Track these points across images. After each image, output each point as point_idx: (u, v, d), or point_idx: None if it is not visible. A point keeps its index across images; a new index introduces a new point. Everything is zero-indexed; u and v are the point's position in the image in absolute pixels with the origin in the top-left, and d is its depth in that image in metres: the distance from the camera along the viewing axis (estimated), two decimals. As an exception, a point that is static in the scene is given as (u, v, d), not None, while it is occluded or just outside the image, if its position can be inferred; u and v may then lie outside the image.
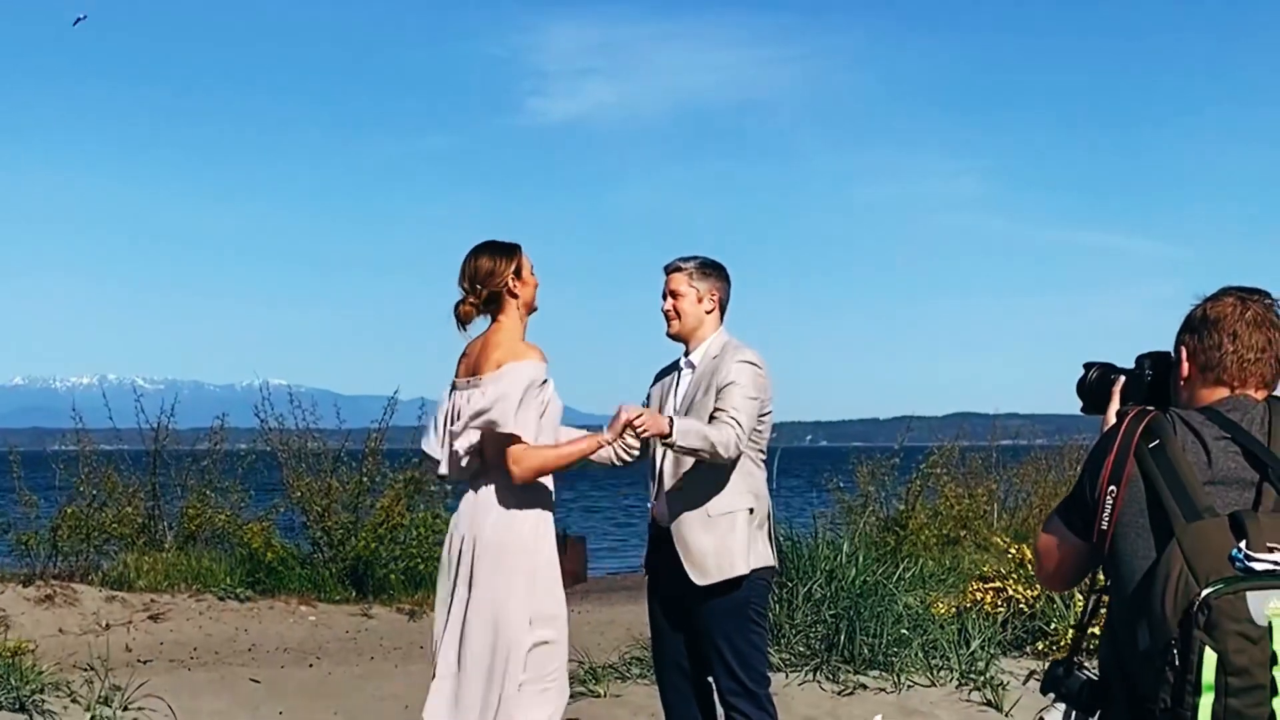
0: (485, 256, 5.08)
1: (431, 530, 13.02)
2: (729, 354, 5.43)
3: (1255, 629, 2.71)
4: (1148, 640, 2.82)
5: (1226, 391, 3.12)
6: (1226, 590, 2.73)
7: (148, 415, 13.68)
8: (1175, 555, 2.81)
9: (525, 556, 4.94)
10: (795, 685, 7.75)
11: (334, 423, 13.86)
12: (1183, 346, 3.19)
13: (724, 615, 5.36)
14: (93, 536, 12.47)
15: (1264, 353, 3.12)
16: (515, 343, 5.05)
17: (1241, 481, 2.96)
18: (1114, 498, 3.01)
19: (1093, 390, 3.53)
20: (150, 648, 10.27)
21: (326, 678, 9.02)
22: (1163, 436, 3.01)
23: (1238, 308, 3.13)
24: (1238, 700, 2.72)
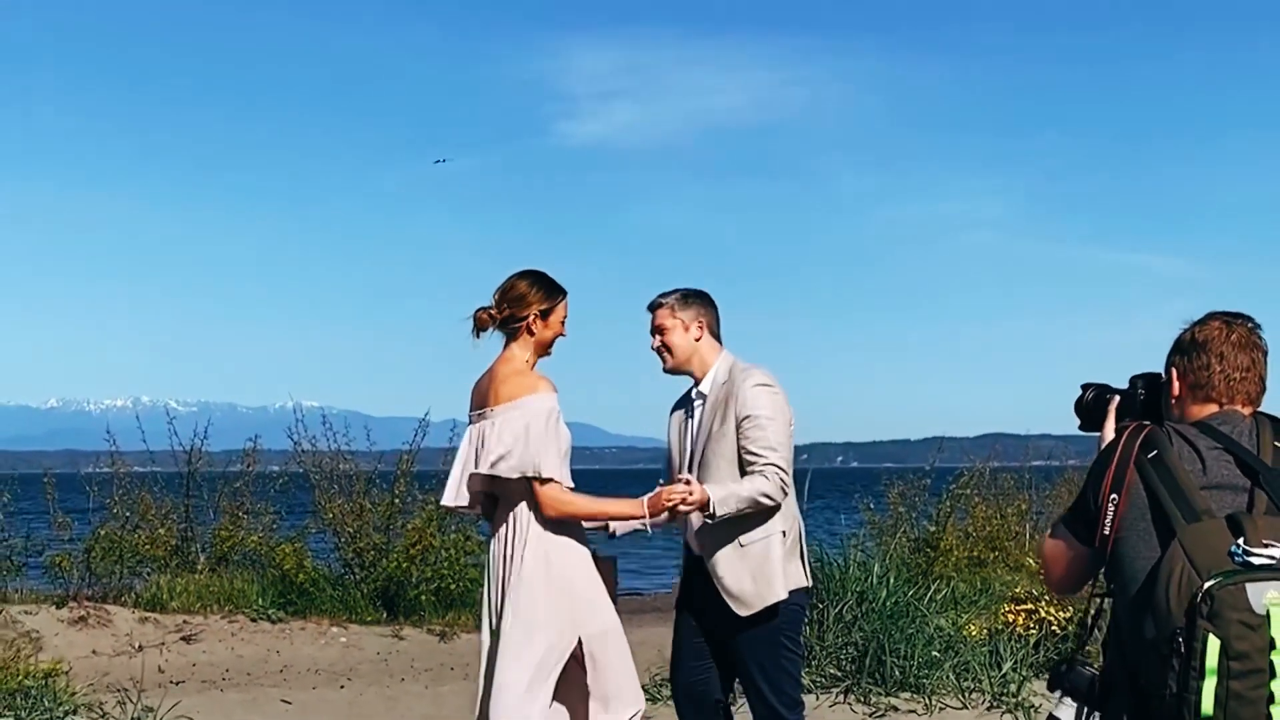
0: (525, 282, 5.08)
1: (463, 552, 13.02)
2: (738, 378, 5.35)
3: (1255, 617, 2.94)
4: (1153, 631, 3.04)
5: (1216, 408, 3.36)
6: (1228, 582, 2.96)
7: (181, 437, 13.75)
8: (1177, 553, 3.05)
9: (562, 581, 4.92)
10: (826, 707, 7.73)
11: (365, 444, 13.89)
12: (1174, 367, 3.44)
13: (760, 641, 5.32)
14: (126, 558, 12.52)
15: (1249, 372, 3.38)
16: (524, 374, 5.01)
17: (1235, 487, 3.19)
18: (1116, 505, 3.24)
19: (1089, 409, 3.75)
20: (183, 669, 10.30)
21: (358, 699, 9.04)
22: (1160, 447, 3.25)
23: (1224, 331, 3.40)
24: (1239, 683, 2.93)
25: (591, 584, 5.00)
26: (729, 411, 5.29)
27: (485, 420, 4.96)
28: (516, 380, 4.97)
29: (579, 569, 4.98)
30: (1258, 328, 3.44)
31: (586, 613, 4.94)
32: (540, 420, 4.89)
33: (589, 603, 4.96)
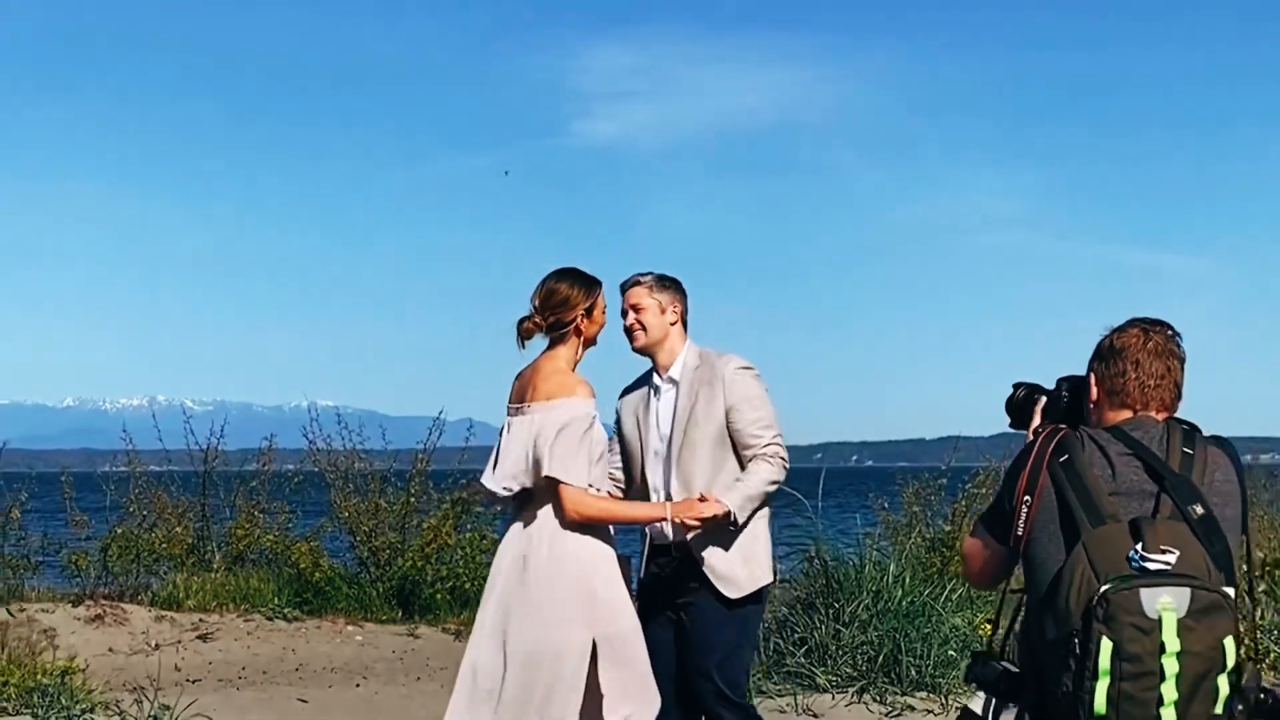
0: (565, 284, 5.11)
1: (478, 550, 13.01)
2: (717, 363, 5.37)
3: (1147, 621, 3.06)
4: (1054, 632, 3.18)
5: (1130, 413, 3.47)
6: (1123, 586, 3.08)
7: (197, 437, 13.77)
8: (1080, 556, 3.17)
9: (581, 581, 4.93)
10: (842, 706, 7.72)
11: (380, 444, 13.90)
12: (1092, 373, 3.56)
13: (730, 625, 5.30)
14: (142, 557, 12.54)
15: (1163, 379, 3.48)
16: (566, 375, 5.06)
17: (1142, 493, 3.30)
18: (1028, 507, 3.37)
19: (1019, 408, 3.86)
20: (199, 667, 10.32)
21: (373, 698, 9.04)
22: (1072, 452, 3.37)
23: (1141, 338, 3.51)
24: (1130, 684, 3.06)
25: (612, 584, 5.00)
26: (714, 395, 5.30)
27: (523, 415, 5.01)
28: (557, 380, 5.01)
29: (600, 570, 4.99)
30: (1176, 336, 3.53)
31: (604, 614, 4.94)
32: (573, 424, 4.93)
33: (607, 604, 4.96)
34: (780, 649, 8.35)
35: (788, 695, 7.84)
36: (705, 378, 5.35)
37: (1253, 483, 15.96)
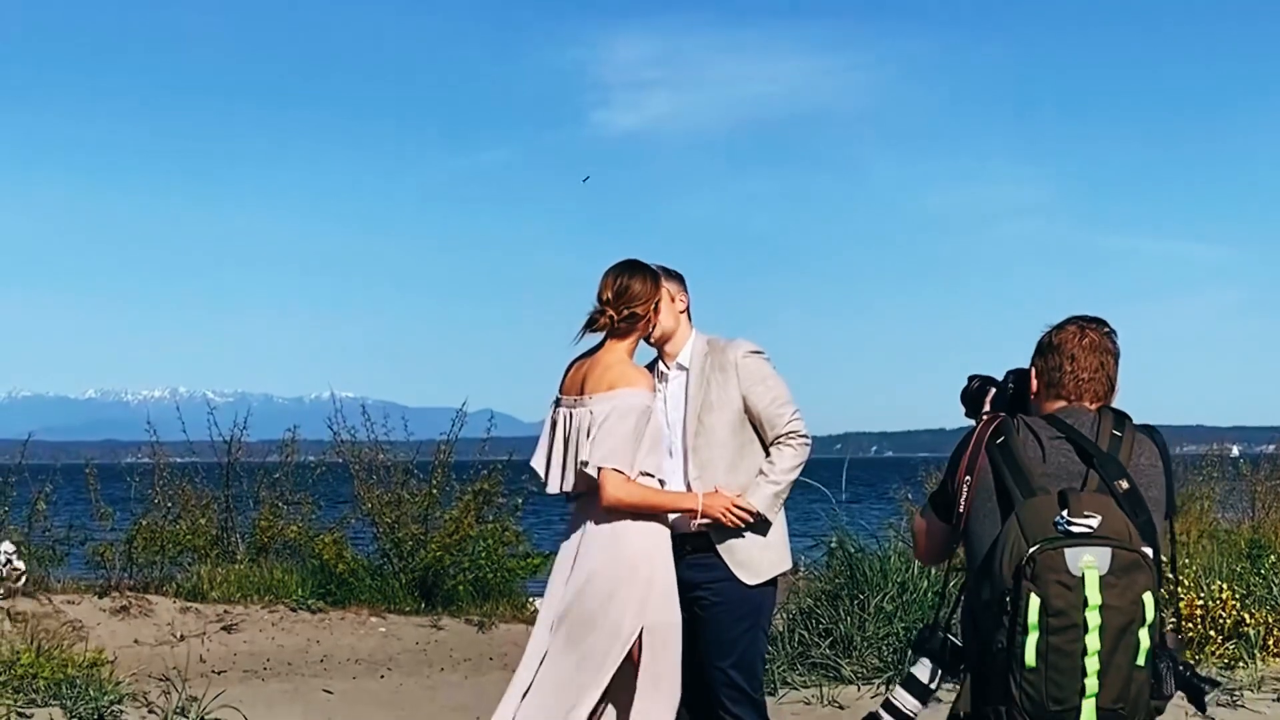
0: (638, 281, 5.16)
1: (500, 542, 13.03)
2: (727, 349, 5.37)
3: (1071, 578, 3.33)
4: (989, 594, 3.46)
5: (1065, 403, 3.77)
6: (1048, 547, 3.37)
7: (220, 428, 13.80)
8: (1012, 525, 3.46)
9: (642, 568, 4.99)
10: (868, 698, 7.71)
11: (403, 435, 13.91)
12: (1034, 367, 3.86)
13: (743, 618, 5.28)
14: (167, 548, 12.59)
15: (1097, 373, 3.78)
16: (628, 366, 5.12)
17: (1071, 473, 3.58)
18: (968, 486, 3.67)
19: (972, 398, 4.13)
20: (224, 659, 10.35)
21: (398, 688, 9.06)
22: (1007, 435, 3.67)
23: (1077, 335, 3.81)
24: (1057, 637, 3.32)
25: (669, 573, 5.06)
26: (727, 381, 5.30)
27: (583, 407, 5.04)
28: (620, 370, 5.07)
29: (658, 558, 5.04)
30: (1111, 333, 3.84)
31: (659, 602, 5.00)
32: (629, 413, 4.97)
33: (663, 592, 5.02)
34: (805, 640, 8.34)
35: (813, 687, 7.84)
36: (716, 364, 5.34)
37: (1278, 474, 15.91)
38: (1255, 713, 7.51)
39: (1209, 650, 8.32)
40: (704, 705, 5.40)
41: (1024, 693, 3.36)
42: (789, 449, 5.32)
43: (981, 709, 3.53)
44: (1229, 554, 11.44)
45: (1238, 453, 18.31)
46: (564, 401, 5.18)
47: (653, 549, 5.05)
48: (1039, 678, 3.34)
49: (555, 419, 5.21)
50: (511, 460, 13.57)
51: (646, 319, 5.17)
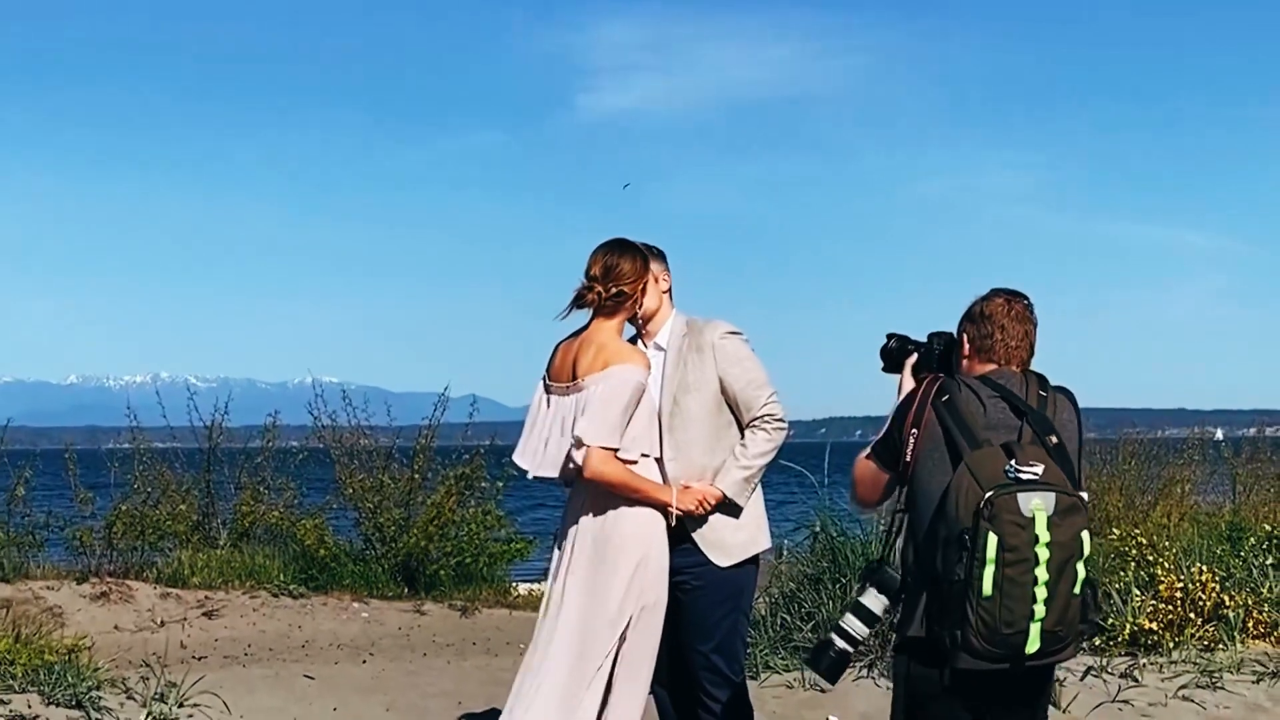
0: (629, 259, 5.16)
1: (483, 527, 13.02)
2: (701, 329, 5.36)
3: (1023, 519, 3.88)
4: (945, 532, 3.94)
5: (995, 366, 4.27)
6: (1003, 492, 3.89)
7: (201, 413, 13.75)
8: (964, 472, 3.96)
9: (636, 548, 5.01)
10: (850, 682, 7.70)
11: (385, 420, 13.88)
12: (964, 333, 4.36)
13: (722, 602, 5.28)
14: (147, 534, 12.54)
15: (1023, 340, 4.30)
16: (620, 344, 5.12)
17: (1008, 427, 4.11)
18: (915, 439, 4.15)
19: (892, 355, 4.68)
20: (205, 644, 10.32)
21: (380, 674, 9.04)
22: (951, 394, 4.16)
23: (1005, 306, 4.30)
24: (1011, 569, 3.85)
25: (663, 555, 5.09)
26: (704, 362, 5.29)
27: (580, 393, 5.03)
28: (614, 348, 5.06)
29: (655, 540, 5.07)
30: (1031, 305, 4.34)
31: (652, 583, 5.03)
32: (620, 389, 4.97)
33: (657, 574, 5.06)
34: (787, 624, 8.33)
35: (794, 671, 7.83)
36: (694, 344, 5.33)
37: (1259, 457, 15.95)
38: (1235, 694, 7.53)
39: (1189, 632, 8.33)
40: (685, 688, 5.39)
41: (980, 618, 3.88)
42: (763, 433, 5.30)
43: (935, 631, 4.02)
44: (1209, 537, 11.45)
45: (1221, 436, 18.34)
46: (554, 389, 5.15)
47: (649, 532, 5.06)
48: (994, 604, 3.87)
49: (544, 405, 5.18)
50: (494, 444, 13.55)
51: (634, 298, 5.16)
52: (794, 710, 7.45)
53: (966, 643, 3.90)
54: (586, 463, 4.94)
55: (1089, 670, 7.71)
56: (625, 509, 5.04)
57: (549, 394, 5.19)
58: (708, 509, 5.20)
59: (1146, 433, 16.83)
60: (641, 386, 5.04)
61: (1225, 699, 7.47)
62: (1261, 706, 7.44)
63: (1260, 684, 7.66)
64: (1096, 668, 7.74)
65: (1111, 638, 8.37)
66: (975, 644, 3.90)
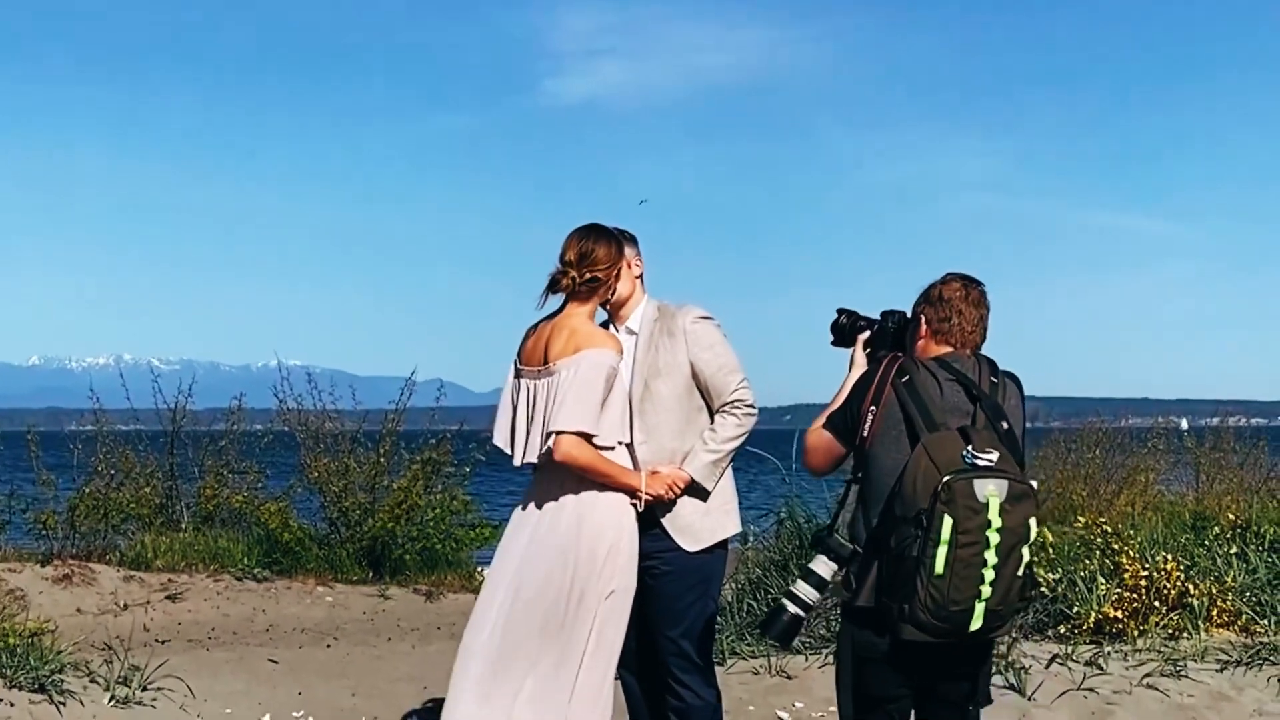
0: (604, 245, 5.12)
1: (448, 511, 12.98)
2: (673, 314, 5.35)
3: (978, 504, 4.06)
4: (901, 510, 4.13)
5: (950, 349, 4.44)
6: (960, 478, 4.07)
7: (164, 396, 13.66)
8: (921, 454, 4.15)
9: (608, 534, 4.99)
10: (816, 668, 7.71)
11: (351, 404, 13.82)
12: (922, 314, 4.51)
13: (691, 588, 5.26)
14: (110, 516, 12.45)
15: (978, 325, 4.47)
16: (592, 329, 5.09)
17: (962, 411, 4.29)
18: (874, 415, 4.32)
19: (843, 331, 4.84)
20: (168, 628, 10.26)
21: (344, 658, 9.01)
22: (911, 375, 4.33)
23: (962, 291, 4.46)
24: (964, 550, 4.05)
25: (632, 540, 5.07)
26: (676, 346, 5.27)
27: (552, 376, 5.00)
28: (586, 333, 5.04)
29: (625, 525, 5.04)
30: (985, 291, 4.49)
31: (624, 567, 5.01)
32: (593, 374, 4.95)
33: (628, 560, 5.04)
34: (754, 610, 8.34)
35: (761, 657, 7.83)
36: (665, 329, 5.31)
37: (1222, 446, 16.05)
38: (1199, 682, 7.56)
39: (1153, 621, 8.37)
40: (653, 674, 5.38)
41: (929, 594, 4.08)
42: (732, 418, 5.29)
43: (884, 603, 4.20)
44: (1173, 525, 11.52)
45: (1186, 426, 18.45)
46: (525, 373, 5.13)
47: (620, 518, 5.04)
48: (944, 583, 4.07)
49: (517, 391, 5.16)
50: (461, 430, 13.51)
51: (608, 283, 5.13)
52: (760, 696, 7.45)
53: (914, 616, 4.11)
54: (558, 446, 4.92)
55: (1054, 658, 7.74)
56: (597, 495, 5.02)
57: (520, 378, 5.16)
58: (676, 493, 5.18)
59: (1110, 422, 16.90)
60: (614, 370, 5.02)
61: (1189, 687, 7.50)
62: (1225, 695, 7.48)
63: (1224, 672, 7.70)
64: (1061, 655, 7.76)
65: (1076, 626, 8.40)
66: (921, 618, 4.10)
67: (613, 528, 5.01)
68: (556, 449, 4.92)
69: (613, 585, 4.99)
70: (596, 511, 5.01)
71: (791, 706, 7.36)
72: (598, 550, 4.97)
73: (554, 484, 5.08)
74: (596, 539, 4.98)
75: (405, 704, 7.69)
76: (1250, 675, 7.69)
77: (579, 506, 5.01)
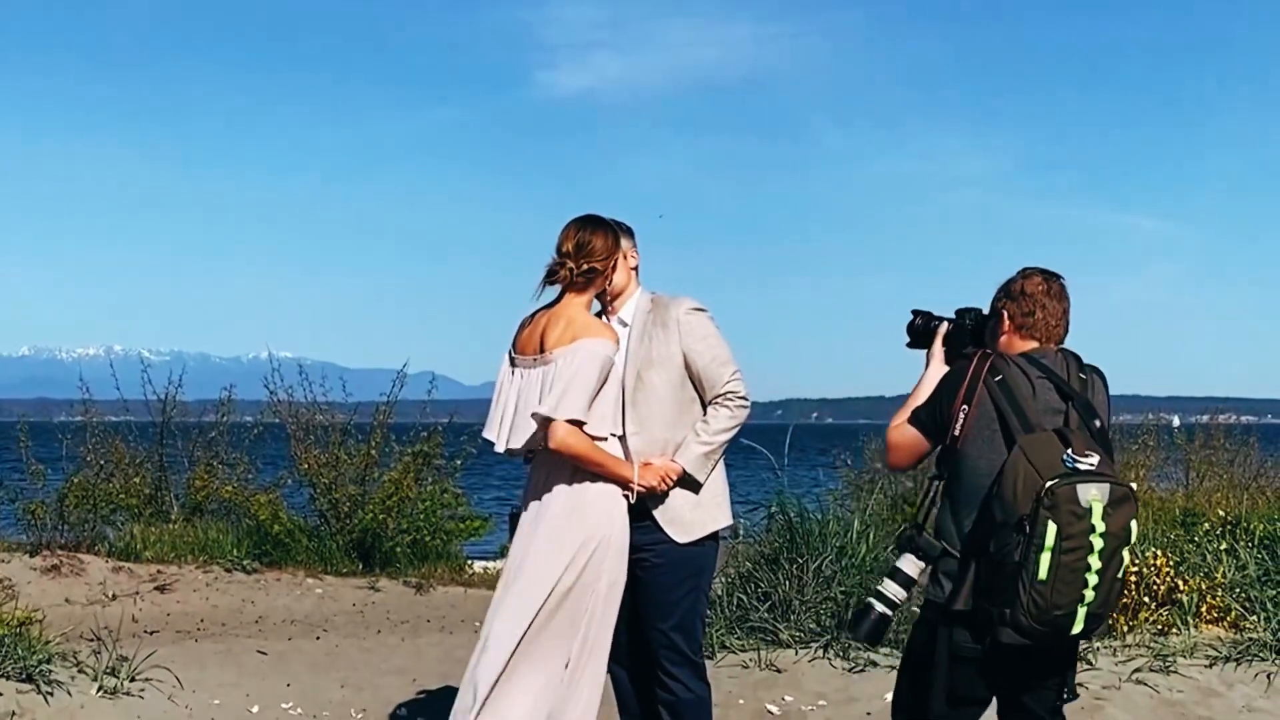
0: (601, 236, 5.10)
1: (439, 504, 12.97)
2: (667, 305, 5.34)
3: (1081, 509, 4.03)
4: (1001, 515, 4.08)
5: (1035, 344, 4.40)
6: (1064, 483, 4.03)
7: (154, 387, 13.64)
8: (1019, 457, 4.10)
9: (600, 526, 4.98)
10: (805, 662, 7.71)
11: (341, 396, 13.80)
12: (1004, 310, 4.45)
13: (682, 581, 5.26)
14: (99, 507, 12.43)
15: (1061, 319, 4.43)
16: (589, 319, 5.08)
17: (1055, 410, 4.25)
18: (966, 415, 4.26)
19: (919, 332, 4.78)
20: (157, 619, 10.24)
21: (334, 650, 8.99)
22: (1005, 373, 4.27)
23: (1044, 285, 4.41)
24: (1067, 556, 4.02)
25: (624, 532, 5.06)
26: (669, 337, 5.26)
27: (548, 365, 4.99)
28: (583, 322, 5.03)
29: (616, 517, 5.03)
30: (1065, 284, 4.45)
31: (615, 560, 5.00)
32: (589, 363, 4.94)
33: (619, 551, 5.03)
34: (744, 604, 8.32)
35: (751, 650, 7.82)
36: (659, 320, 5.30)
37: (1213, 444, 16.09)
38: (1188, 678, 7.57)
39: (1143, 617, 8.37)
40: (644, 667, 5.37)
41: (1032, 599, 4.03)
42: (725, 410, 5.28)
43: (983, 607, 4.16)
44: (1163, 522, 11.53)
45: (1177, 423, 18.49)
46: (520, 362, 5.12)
47: (612, 510, 5.03)
48: (1047, 588, 4.02)
49: (509, 378, 5.15)
50: (452, 422, 13.50)
51: (605, 274, 5.12)
52: (750, 690, 7.45)
53: (1015, 620, 4.07)
54: (552, 434, 4.91)
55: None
56: (590, 486, 5.01)
57: (514, 367, 5.15)
58: (669, 485, 5.17)
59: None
60: (610, 361, 5.01)
61: (1179, 683, 7.51)
62: (1215, 690, 7.49)
63: (1213, 668, 7.71)
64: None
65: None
66: (1024, 622, 4.07)
67: (603, 521, 5.00)
68: (551, 436, 4.91)
69: (603, 579, 4.98)
70: (586, 504, 5.00)
71: (781, 700, 7.36)
72: (588, 544, 4.97)
73: (546, 477, 5.07)
74: (587, 533, 4.97)
75: (394, 696, 7.68)
76: (1239, 671, 7.69)
77: (569, 499, 5.00)
